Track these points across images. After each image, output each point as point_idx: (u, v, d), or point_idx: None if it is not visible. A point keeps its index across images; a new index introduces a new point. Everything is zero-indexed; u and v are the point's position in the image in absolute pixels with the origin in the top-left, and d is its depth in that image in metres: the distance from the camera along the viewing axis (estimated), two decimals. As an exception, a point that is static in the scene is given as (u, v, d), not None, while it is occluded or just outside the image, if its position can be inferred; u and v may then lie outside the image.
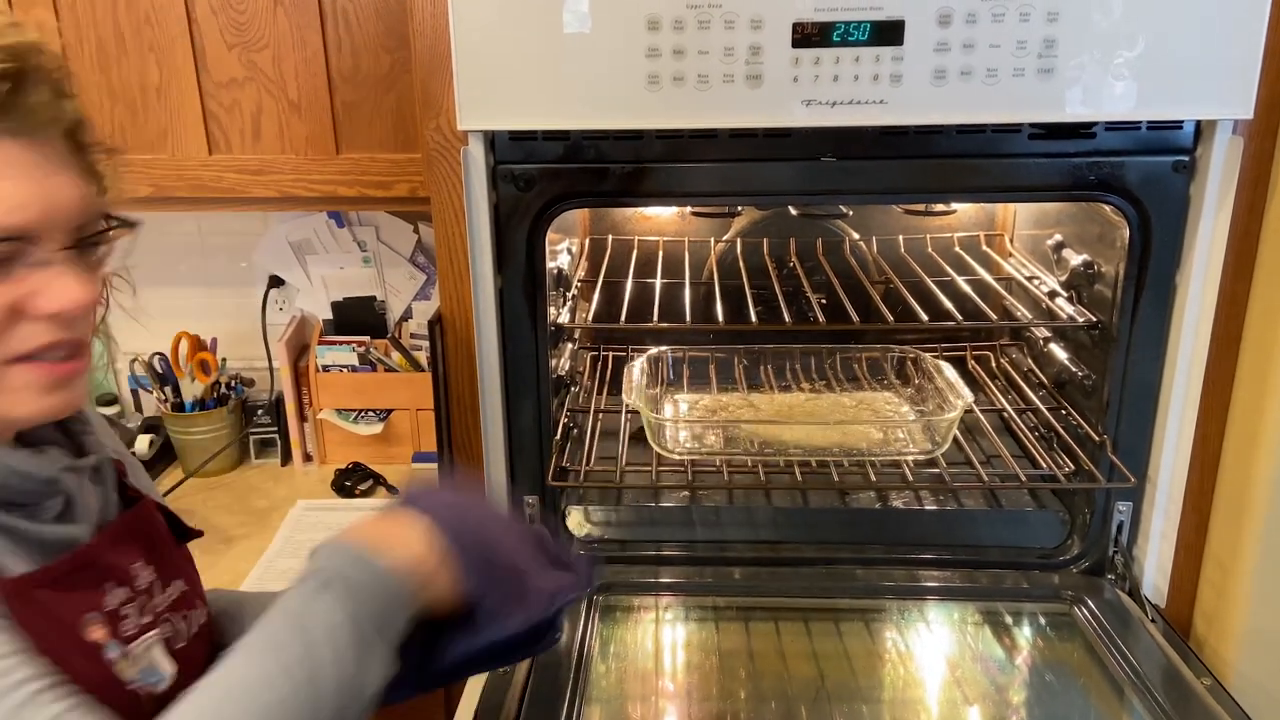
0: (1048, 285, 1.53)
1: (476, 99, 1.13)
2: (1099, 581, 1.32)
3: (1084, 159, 1.17)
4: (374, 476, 1.74)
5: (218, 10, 1.39)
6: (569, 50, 1.10)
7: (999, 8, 1.07)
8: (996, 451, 1.45)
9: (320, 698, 0.67)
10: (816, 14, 1.08)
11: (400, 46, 1.38)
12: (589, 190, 1.22)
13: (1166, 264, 1.21)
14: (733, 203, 1.63)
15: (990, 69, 1.09)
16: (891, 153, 1.18)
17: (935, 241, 1.72)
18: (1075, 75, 1.09)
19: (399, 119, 1.43)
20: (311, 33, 1.39)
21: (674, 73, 1.10)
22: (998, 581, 1.34)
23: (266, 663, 0.67)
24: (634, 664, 1.23)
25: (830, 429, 1.48)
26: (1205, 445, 1.27)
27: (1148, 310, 1.24)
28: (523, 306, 1.26)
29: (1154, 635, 1.21)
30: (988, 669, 1.21)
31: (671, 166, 1.20)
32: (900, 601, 1.32)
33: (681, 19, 1.08)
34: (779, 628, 1.30)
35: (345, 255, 1.81)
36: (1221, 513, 1.28)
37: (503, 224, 1.22)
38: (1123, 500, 1.32)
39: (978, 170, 1.19)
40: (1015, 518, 1.40)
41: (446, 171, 1.21)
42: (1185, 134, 1.16)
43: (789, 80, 1.10)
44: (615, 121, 1.15)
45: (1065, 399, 1.48)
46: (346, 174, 1.45)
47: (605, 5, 1.08)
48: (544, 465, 1.34)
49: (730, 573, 1.37)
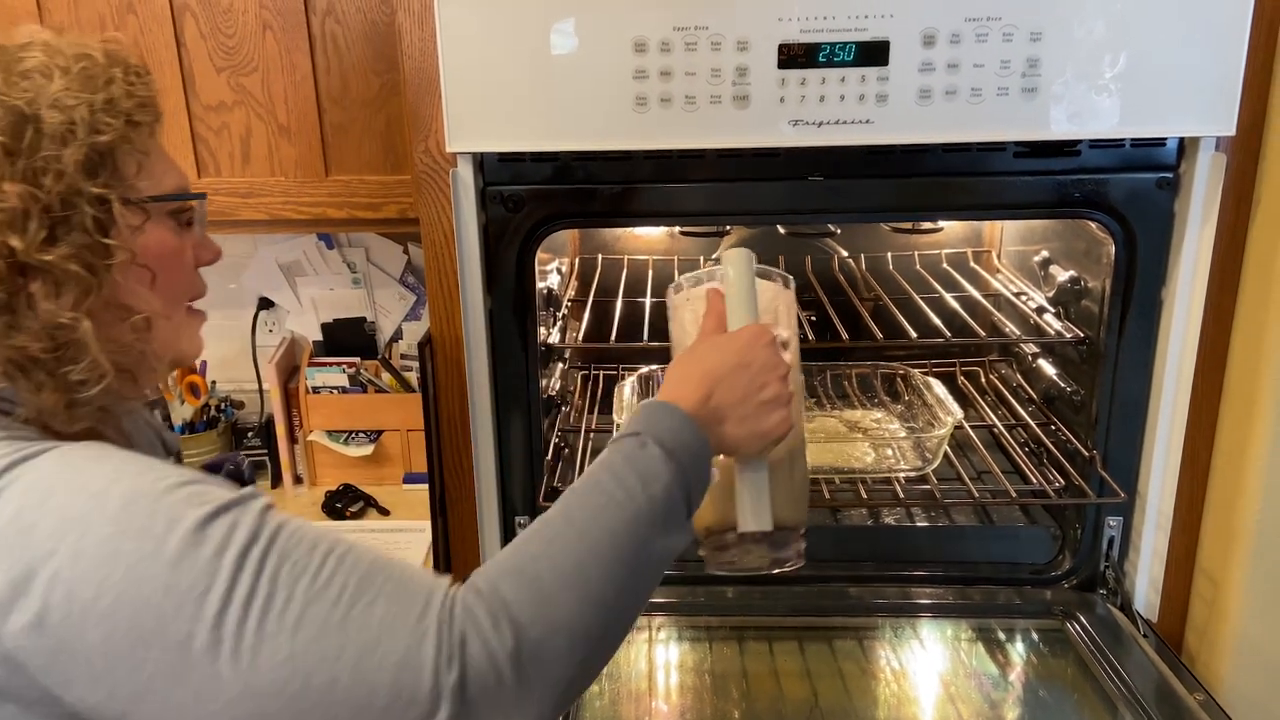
0: (1035, 301, 1.53)
1: (465, 121, 1.14)
2: (1091, 597, 1.32)
3: (1069, 176, 1.18)
4: (365, 498, 1.73)
5: (206, 35, 1.39)
6: (557, 72, 1.11)
7: (983, 28, 1.08)
8: (987, 467, 1.45)
9: (640, 551, 0.74)
10: (802, 35, 1.09)
11: (389, 69, 1.39)
12: (578, 211, 1.22)
13: (1152, 280, 1.22)
14: (721, 222, 1.63)
15: (975, 88, 1.10)
16: (878, 172, 1.19)
17: (923, 258, 1.73)
18: (1059, 94, 1.10)
19: (388, 141, 1.43)
20: (300, 56, 1.39)
21: (661, 94, 1.11)
22: (990, 598, 1.34)
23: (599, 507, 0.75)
24: (627, 685, 1.22)
25: (821, 448, 1.48)
26: (1194, 459, 1.27)
27: (1134, 325, 1.24)
28: (513, 327, 1.26)
29: (1146, 650, 1.21)
30: (981, 686, 1.21)
31: (660, 187, 1.20)
32: (893, 619, 1.32)
33: (668, 41, 1.09)
34: (772, 647, 1.30)
35: (335, 276, 1.80)
36: (1211, 526, 1.29)
37: (492, 245, 1.23)
38: (1113, 515, 1.32)
39: (964, 188, 1.19)
40: (1007, 534, 1.40)
41: (435, 193, 1.21)
42: (1169, 151, 1.17)
43: (776, 101, 1.11)
44: (603, 143, 1.15)
45: (1055, 414, 1.48)
46: (336, 196, 1.45)
47: (592, 27, 1.09)
48: (535, 485, 1.33)
49: (723, 592, 1.37)
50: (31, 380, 0.71)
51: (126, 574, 0.63)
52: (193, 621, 0.62)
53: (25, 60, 0.73)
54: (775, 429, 0.88)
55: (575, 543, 0.72)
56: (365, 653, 0.64)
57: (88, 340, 0.71)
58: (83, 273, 0.71)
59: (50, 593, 0.62)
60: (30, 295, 0.70)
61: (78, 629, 0.63)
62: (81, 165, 0.71)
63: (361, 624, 0.64)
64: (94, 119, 0.72)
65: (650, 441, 0.78)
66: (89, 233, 0.72)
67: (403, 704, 0.63)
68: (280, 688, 0.63)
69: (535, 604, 0.69)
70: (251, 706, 0.63)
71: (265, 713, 0.63)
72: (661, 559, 0.76)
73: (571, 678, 0.70)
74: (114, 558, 0.63)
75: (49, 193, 0.70)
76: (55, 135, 0.71)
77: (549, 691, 0.68)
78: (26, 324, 0.70)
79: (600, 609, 0.71)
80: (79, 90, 0.72)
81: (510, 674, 0.66)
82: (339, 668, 0.63)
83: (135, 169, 0.76)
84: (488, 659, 0.65)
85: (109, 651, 0.63)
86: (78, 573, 0.63)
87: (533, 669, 0.67)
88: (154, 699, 0.63)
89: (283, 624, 0.63)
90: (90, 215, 0.72)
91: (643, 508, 0.75)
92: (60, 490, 0.66)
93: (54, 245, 0.70)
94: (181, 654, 0.62)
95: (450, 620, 0.66)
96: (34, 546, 0.63)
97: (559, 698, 0.69)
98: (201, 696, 0.63)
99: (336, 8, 1.38)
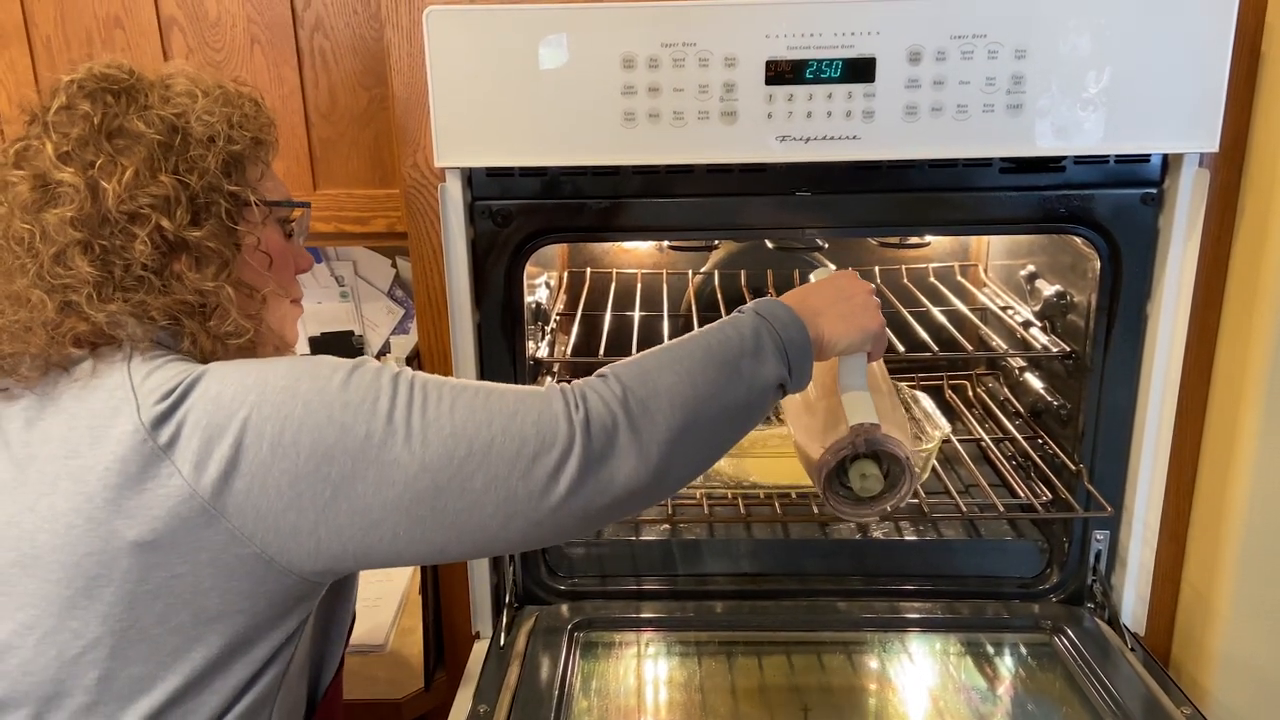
0: (1022, 315, 1.54)
1: (453, 136, 1.14)
2: (1078, 611, 1.33)
3: (1054, 192, 1.19)
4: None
5: (194, 49, 1.39)
6: (545, 88, 1.11)
7: (968, 45, 1.09)
8: (975, 481, 1.46)
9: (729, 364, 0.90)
10: (789, 52, 1.09)
11: (377, 84, 1.39)
12: (567, 225, 1.22)
13: (1137, 294, 1.23)
14: (710, 237, 1.64)
15: (960, 105, 1.11)
16: (865, 187, 1.19)
17: (911, 273, 1.73)
18: (1044, 110, 1.11)
19: (376, 155, 1.43)
20: (288, 70, 1.39)
21: (650, 109, 1.11)
22: (978, 612, 1.34)
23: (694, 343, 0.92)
24: (616, 700, 1.22)
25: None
26: (1180, 473, 1.28)
27: (1120, 340, 1.25)
28: (501, 341, 1.26)
29: (1133, 664, 1.21)
30: (970, 700, 1.21)
31: (648, 201, 1.20)
32: (882, 633, 1.32)
33: (656, 57, 1.09)
34: (761, 662, 1.30)
35: (323, 290, 1.80)
36: (1197, 540, 1.29)
37: (480, 259, 1.23)
38: (1100, 529, 1.32)
39: (950, 203, 1.20)
40: (994, 547, 1.41)
41: (424, 207, 1.21)
42: (1153, 167, 1.18)
43: (763, 117, 1.11)
44: (592, 158, 1.16)
45: (1041, 428, 1.49)
46: (324, 210, 1.45)
47: (581, 43, 1.09)
48: (523, 500, 1.33)
49: (712, 607, 1.36)
50: (187, 329, 0.87)
51: (305, 406, 0.79)
52: (369, 421, 0.79)
53: (173, 86, 0.90)
54: (870, 322, 1.02)
55: (674, 349, 0.91)
56: (510, 417, 0.82)
57: (229, 305, 0.88)
58: (220, 249, 0.87)
59: (241, 437, 0.78)
60: (180, 267, 0.86)
61: (267, 464, 0.78)
62: (219, 167, 0.88)
63: (500, 401, 0.83)
64: (230, 131, 0.90)
65: (747, 310, 0.97)
66: (223, 220, 0.88)
67: (546, 446, 0.81)
68: (449, 457, 0.80)
69: (638, 376, 0.87)
70: (427, 481, 0.80)
71: (438, 484, 0.80)
72: (751, 380, 0.91)
73: (673, 439, 0.85)
74: (292, 396, 0.80)
75: (193, 186, 0.86)
76: (200, 141, 0.88)
77: (656, 442, 0.84)
78: (176, 288, 0.86)
79: (694, 389, 0.87)
80: (218, 109, 0.90)
81: (623, 417, 0.84)
82: (493, 430, 0.81)
83: (259, 176, 0.95)
84: (604, 404, 0.84)
85: (297, 475, 0.78)
86: (263, 415, 0.79)
87: (641, 419, 0.84)
88: (338, 511, 0.79)
89: (440, 410, 0.81)
90: (224, 207, 0.88)
91: (732, 337, 0.92)
92: (236, 371, 0.82)
93: (196, 227, 0.86)
94: (363, 451, 0.79)
95: (572, 388, 0.86)
96: (222, 408, 0.79)
97: (666, 453, 0.85)
98: (382, 484, 0.79)
99: (325, 22, 1.38)
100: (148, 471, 0.78)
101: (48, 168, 0.84)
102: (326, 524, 0.80)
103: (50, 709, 0.81)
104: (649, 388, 0.86)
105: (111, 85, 0.88)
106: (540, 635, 1.29)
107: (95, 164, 0.84)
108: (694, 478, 0.92)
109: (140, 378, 0.82)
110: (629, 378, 0.87)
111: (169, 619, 0.81)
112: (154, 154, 0.85)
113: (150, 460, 0.78)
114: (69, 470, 0.80)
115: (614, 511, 0.85)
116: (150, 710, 0.82)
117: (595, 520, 0.85)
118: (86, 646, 0.80)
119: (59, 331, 0.84)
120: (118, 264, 0.84)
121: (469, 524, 0.81)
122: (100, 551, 0.79)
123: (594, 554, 1.40)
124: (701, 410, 0.87)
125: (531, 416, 0.82)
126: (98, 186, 0.83)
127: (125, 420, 0.79)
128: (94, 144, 0.85)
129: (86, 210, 0.83)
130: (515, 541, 0.84)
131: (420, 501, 0.80)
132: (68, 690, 0.81)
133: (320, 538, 0.80)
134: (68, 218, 0.83)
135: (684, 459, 0.88)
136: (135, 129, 0.86)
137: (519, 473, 0.81)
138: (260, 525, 0.79)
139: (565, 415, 0.83)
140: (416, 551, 0.83)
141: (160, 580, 0.80)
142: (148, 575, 0.79)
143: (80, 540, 0.79)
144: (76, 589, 0.79)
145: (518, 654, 1.25)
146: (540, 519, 0.82)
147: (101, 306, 0.83)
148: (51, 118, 0.86)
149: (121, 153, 0.85)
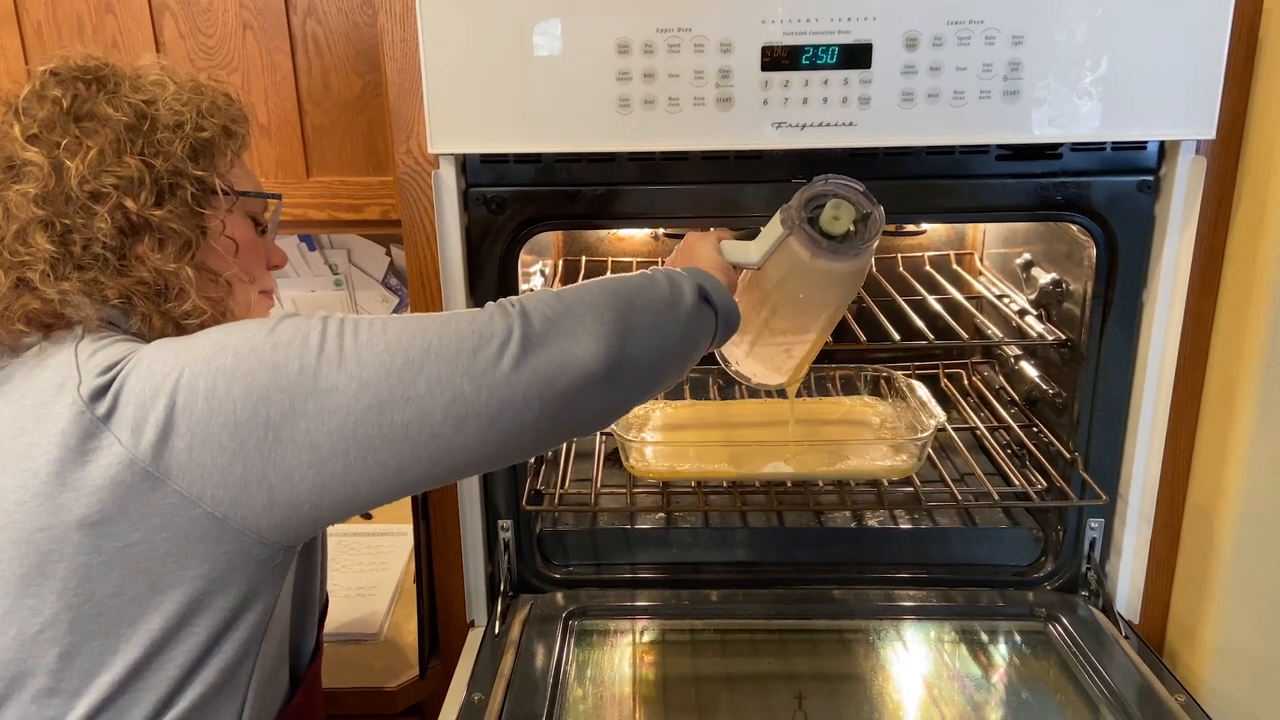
0: (1018, 303, 1.54)
1: (447, 122, 1.13)
2: (1073, 598, 1.33)
3: (1050, 179, 1.18)
4: (347, 501, 1.72)
5: (186, 35, 1.38)
6: (540, 73, 1.10)
7: (965, 31, 1.08)
8: (970, 469, 1.46)
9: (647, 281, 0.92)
10: (785, 38, 1.09)
11: (371, 70, 1.38)
12: (561, 213, 1.22)
13: (1133, 282, 1.23)
14: (705, 224, 1.63)
15: (957, 91, 1.10)
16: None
17: (906, 261, 1.73)
18: (1041, 97, 1.11)
19: (370, 142, 1.42)
20: (281, 56, 1.38)
21: (645, 96, 1.11)
22: (973, 599, 1.34)
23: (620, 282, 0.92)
24: (611, 688, 1.22)
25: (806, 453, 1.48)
26: (1175, 461, 1.28)
27: (1115, 328, 1.25)
28: (495, 329, 1.25)
29: (1128, 652, 1.21)
30: (964, 688, 1.21)
31: (644, 188, 1.20)
32: (877, 621, 1.32)
33: (651, 43, 1.09)
34: (756, 649, 1.30)
35: (316, 278, 1.79)
36: (1192, 528, 1.29)
37: (475, 247, 1.22)
38: (1095, 517, 1.32)
39: (946, 191, 1.20)
40: (989, 535, 1.41)
41: (418, 194, 1.20)
42: (1149, 154, 1.18)
43: (759, 103, 1.11)
44: (587, 144, 1.15)
45: (1037, 416, 1.49)
46: (317, 197, 1.44)
47: (575, 29, 1.09)
48: (518, 488, 1.33)
49: (707, 595, 1.36)
50: (139, 309, 0.87)
51: (235, 355, 0.79)
52: (300, 356, 0.79)
53: (146, 75, 0.93)
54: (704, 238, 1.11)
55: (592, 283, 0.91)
56: (444, 324, 0.82)
57: (189, 287, 0.88)
58: (182, 232, 0.88)
59: (175, 396, 0.78)
60: (142, 249, 0.87)
61: (205, 418, 0.78)
62: (186, 151, 0.90)
63: (432, 318, 0.83)
64: (199, 119, 0.91)
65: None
66: (188, 204, 0.89)
67: (485, 339, 0.81)
68: (386, 370, 0.79)
69: (566, 289, 0.88)
70: (369, 397, 0.78)
71: (380, 398, 0.79)
72: (669, 282, 0.93)
73: (615, 320, 0.85)
74: (222, 349, 0.80)
75: (159, 168, 0.88)
76: (168, 126, 0.89)
77: (600, 322, 0.84)
78: (135, 269, 0.87)
79: (620, 286, 0.89)
80: (188, 97, 0.92)
81: (560, 305, 0.85)
82: (428, 338, 0.80)
83: (228, 165, 0.95)
84: (538, 300, 0.85)
85: (237, 424, 0.78)
86: (194, 372, 0.79)
87: (578, 305, 0.85)
88: (284, 452, 0.79)
89: (372, 332, 0.81)
90: (190, 191, 0.89)
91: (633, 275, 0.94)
92: (172, 343, 0.83)
93: (159, 208, 0.87)
94: (298, 385, 0.78)
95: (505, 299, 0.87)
96: (155, 373, 0.80)
97: (614, 332, 0.85)
98: (324, 413, 0.78)
99: (318, 8, 1.37)
100: (87, 444, 0.78)
101: (15, 149, 0.85)
102: (275, 469, 0.79)
103: (14, 689, 0.81)
104: (577, 291, 0.88)
105: (84, 74, 0.89)
106: (535, 623, 1.29)
107: (61, 144, 0.85)
108: (657, 376, 0.91)
109: (86, 356, 0.83)
110: (557, 290, 0.88)
111: (126, 589, 0.81)
112: (120, 136, 0.86)
113: (89, 432, 0.78)
114: (16, 449, 0.81)
115: (575, 400, 0.83)
116: (111, 685, 0.82)
117: (557, 411, 0.82)
118: (45, 623, 0.80)
119: (10, 310, 0.84)
120: (77, 241, 0.85)
121: (421, 435, 0.79)
122: (50, 527, 0.79)
123: (589, 542, 1.40)
124: (634, 301, 0.88)
125: (466, 319, 0.82)
126: (62, 165, 0.84)
127: (66, 395, 0.80)
128: (61, 126, 0.86)
129: (50, 188, 0.84)
130: (475, 449, 0.81)
131: (364, 421, 0.78)
132: (30, 670, 0.81)
133: (271, 485, 0.79)
134: (30, 195, 0.84)
135: (636, 345, 0.86)
136: (103, 113, 0.87)
137: (461, 369, 0.79)
138: (207, 483, 0.79)
139: (500, 310, 0.84)
140: (373, 481, 0.80)
141: (114, 550, 0.79)
142: (100, 546, 0.79)
143: (29, 517, 0.79)
144: (29, 565, 0.80)
145: (512, 642, 1.25)
146: (495, 413, 0.80)
147: (55, 284, 0.84)
148: (21, 103, 0.88)
149: (88, 134, 0.86)
